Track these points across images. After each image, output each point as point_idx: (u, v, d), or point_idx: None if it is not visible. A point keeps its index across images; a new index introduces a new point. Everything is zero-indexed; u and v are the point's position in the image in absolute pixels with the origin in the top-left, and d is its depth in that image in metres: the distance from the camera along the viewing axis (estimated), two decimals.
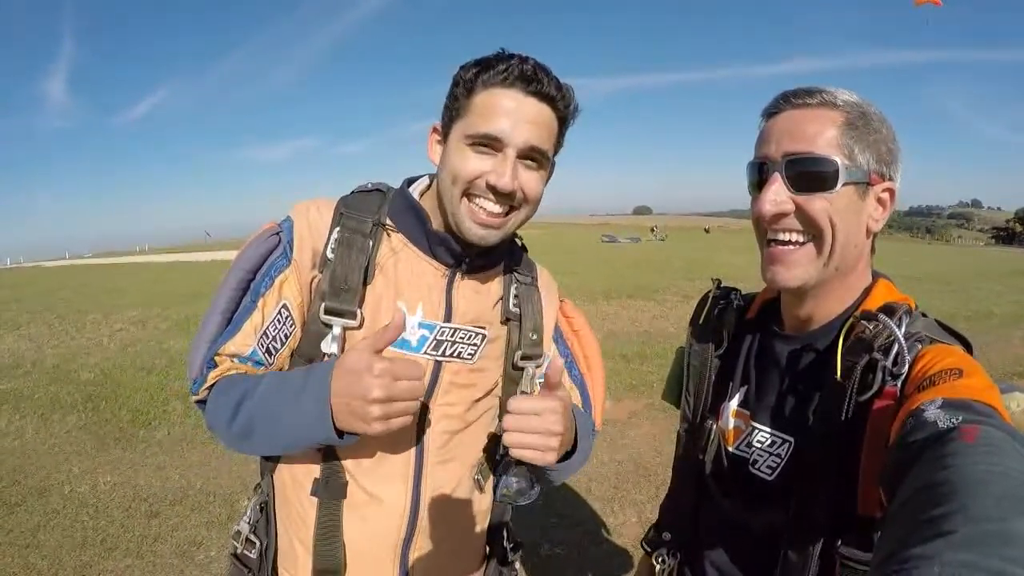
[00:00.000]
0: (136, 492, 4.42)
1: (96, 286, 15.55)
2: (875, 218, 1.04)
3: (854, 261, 1.06)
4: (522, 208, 1.24)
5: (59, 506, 4.20)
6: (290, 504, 1.31)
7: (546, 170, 1.26)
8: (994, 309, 12.42)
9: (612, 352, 8.36)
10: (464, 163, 1.17)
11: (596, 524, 4.03)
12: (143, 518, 4.06)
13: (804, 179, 1.00)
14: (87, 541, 3.76)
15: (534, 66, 1.16)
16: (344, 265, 1.21)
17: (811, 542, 0.96)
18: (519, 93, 1.15)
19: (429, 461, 1.30)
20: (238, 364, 1.24)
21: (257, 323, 1.24)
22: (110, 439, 5.44)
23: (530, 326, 1.39)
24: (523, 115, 1.15)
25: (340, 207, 1.27)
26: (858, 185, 1.00)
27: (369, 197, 1.31)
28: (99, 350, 8.57)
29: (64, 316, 10.36)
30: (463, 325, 1.30)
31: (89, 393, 6.63)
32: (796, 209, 1.01)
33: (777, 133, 1.03)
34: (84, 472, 4.76)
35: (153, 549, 3.70)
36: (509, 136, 1.15)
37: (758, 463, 1.13)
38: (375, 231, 1.26)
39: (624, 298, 11.88)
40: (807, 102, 1.02)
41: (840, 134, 1.00)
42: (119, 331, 9.65)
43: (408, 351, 1.26)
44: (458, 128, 1.19)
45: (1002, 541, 0.50)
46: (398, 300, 1.26)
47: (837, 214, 1.00)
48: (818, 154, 0.99)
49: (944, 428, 0.69)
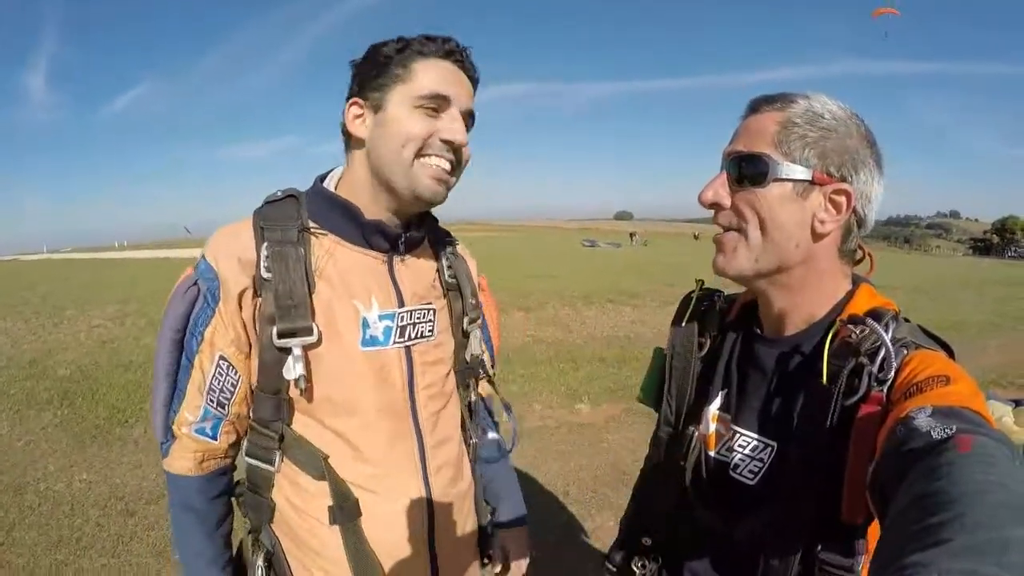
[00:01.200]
0: (112, 490, 4.38)
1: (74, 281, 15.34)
2: (821, 219, 1.02)
3: (801, 260, 1.05)
4: (460, 167, 1.28)
5: (34, 503, 4.16)
6: (303, 541, 1.28)
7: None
8: (971, 318, 12.64)
9: (591, 356, 8.40)
10: (413, 123, 1.19)
11: (574, 527, 4.05)
12: (119, 517, 4.02)
13: (741, 176, 1.04)
14: (62, 539, 3.73)
15: (456, 43, 1.24)
16: (284, 281, 1.17)
17: (793, 547, 0.97)
18: (451, 64, 1.23)
19: (428, 445, 1.32)
20: (196, 436, 1.27)
21: (199, 382, 1.24)
22: (86, 436, 5.38)
23: (469, 292, 1.45)
24: (460, 81, 1.24)
25: (258, 222, 1.22)
26: (796, 183, 1.01)
27: (283, 205, 1.26)
28: (76, 346, 8.46)
29: (41, 311, 10.22)
30: (415, 306, 1.32)
31: (65, 389, 6.54)
32: (731, 203, 1.06)
33: (736, 134, 1.08)
34: (60, 469, 4.71)
35: (129, 548, 3.67)
36: (456, 97, 1.22)
37: (739, 468, 1.12)
38: (302, 237, 1.22)
39: (604, 302, 11.92)
40: (767, 107, 1.06)
41: (778, 132, 1.02)
42: (97, 327, 9.53)
43: (378, 347, 1.26)
44: (399, 93, 1.20)
45: (1000, 549, 0.51)
46: (352, 300, 1.24)
47: (764, 208, 1.02)
48: (750, 151, 1.03)
49: (939, 438, 0.70)
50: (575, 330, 10.05)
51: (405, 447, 1.29)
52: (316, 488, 1.25)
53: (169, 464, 1.29)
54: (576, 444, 5.52)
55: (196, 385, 1.24)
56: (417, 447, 1.31)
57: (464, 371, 1.46)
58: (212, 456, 1.30)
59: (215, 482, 1.32)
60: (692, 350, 1.26)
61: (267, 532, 1.33)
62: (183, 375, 1.25)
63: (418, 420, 1.31)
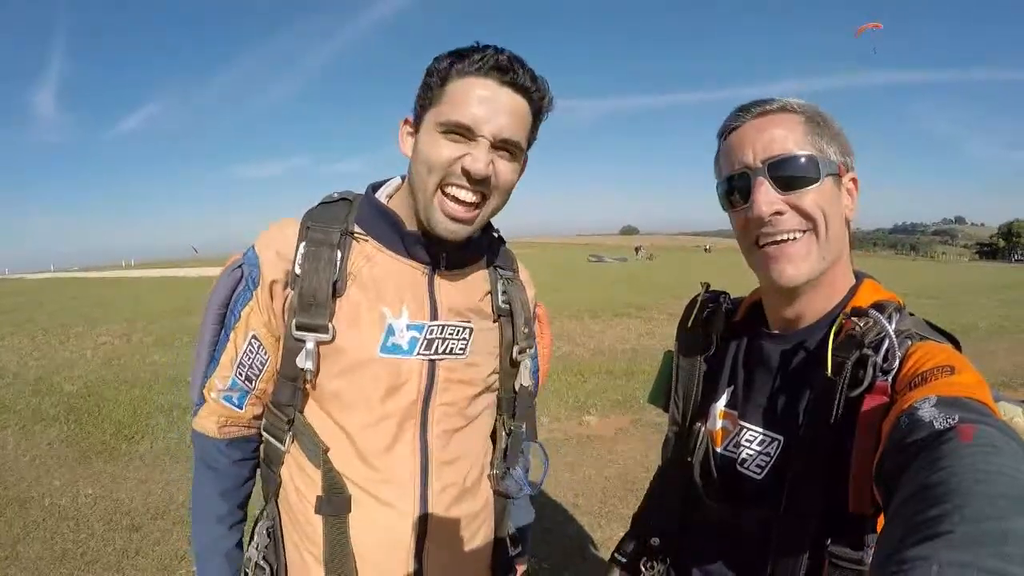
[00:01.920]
0: (117, 505, 4.36)
1: (81, 299, 15.43)
2: (849, 207, 1.08)
3: (840, 252, 1.08)
4: (492, 198, 1.22)
5: (39, 518, 4.15)
6: (298, 523, 1.30)
7: (519, 162, 1.24)
8: (979, 322, 12.58)
9: (599, 369, 8.38)
10: (437, 150, 1.15)
11: (583, 539, 4.02)
12: (124, 532, 4.00)
13: (789, 178, 1.03)
14: (67, 554, 3.71)
15: (509, 57, 1.15)
16: (311, 280, 1.20)
17: (802, 540, 0.97)
18: (493, 83, 1.14)
19: (435, 461, 1.29)
20: (223, 404, 1.31)
21: (232, 356, 1.30)
22: (92, 452, 5.38)
23: (522, 320, 1.40)
24: (497, 105, 1.14)
25: (306, 221, 1.25)
26: (833, 176, 1.05)
27: (334, 207, 1.29)
28: (83, 363, 8.50)
29: (48, 329, 10.28)
30: (449, 321, 1.29)
31: (72, 406, 6.57)
32: (789, 207, 1.03)
33: (749, 143, 1.06)
34: (65, 485, 4.70)
35: (134, 563, 3.65)
36: (482, 125, 1.13)
37: (747, 462, 1.12)
38: (343, 240, 1.24)
39: (611, 316, 11.92)
40: (766, 109, 1.07)
41: (807, 131, 1.04)
42: (103, 344, 9.58)
43: (401, 355, 1.24)
44: (430, 116, 1.17)
45: (1000, 540, 0.50)
46: (380, 305, 1.24)
47: (826, 204, 1.03)
48: (797, 152, 1.03)
49: (941, 428, 0.70)
50: (582, 343, 10.04)
51: (405, 457, 1.26)
52: (315, 474, 1.26)
53: (196, 423, 1.35)
54: (584, 456, 5.49)
55: (229, 357, 1.30)
56: (419, 460, 1.27)
57: (509, 400, 1.45)
58: (234, 423, 1.34)
59: (236, 447, 1.36)
60: (698, 351, 1.26)
61: (272, 505, 1.36)
62: (220, 347, 1.31)
63: (427, 434, 1.28)
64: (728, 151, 1.11)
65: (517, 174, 1.25)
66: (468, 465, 1.36)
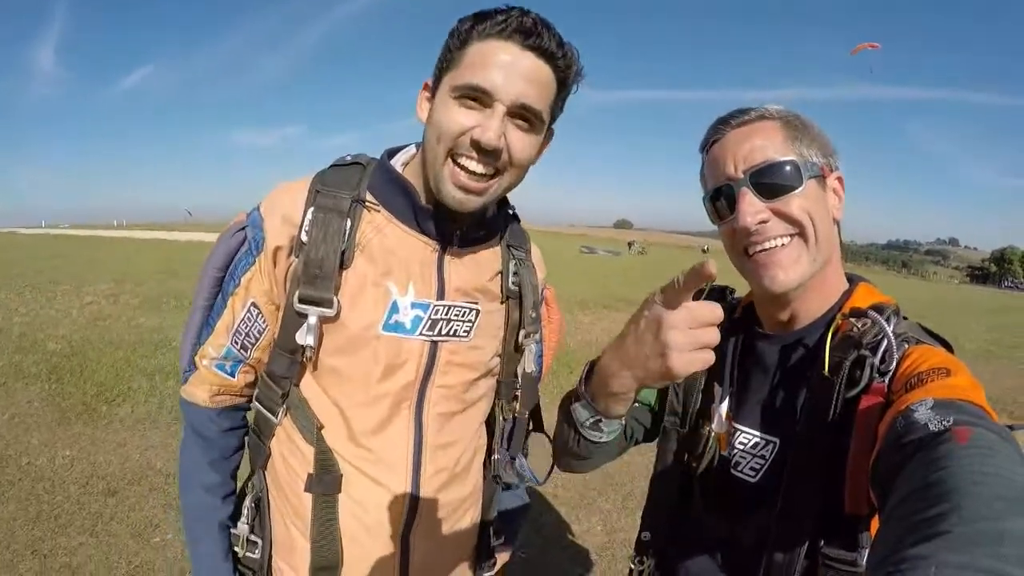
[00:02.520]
0: (94, 469, 4.33)
1: (70, 257, 15.31)
2: (836, 207, 1.09)
3: (830, 253, 1.08)
4: (507, 172, 1.15)
5: (15, 478, 4.11)
6: (286, 497, 1.27)
7: (539, 134, 1.17)
8: (966, 345, 12.62)
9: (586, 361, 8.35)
10: (449, 118, 1.09)
11: (561, 530, 4.03)
12: (100, 496, 3.97)
13: (772, 185, 1.03)
14: (41, 515, 3.67)
15: (535, 19, 1.07)
16: (318, 249, 1.15)
17: (797, 542, 0.96)
18: (515, 46, 1.07)
19: (428, 445, 1.26)
20: (216, 372, 1.28)
21: (228, 322, 1.25)
22: (72, 413, 5.33)
23: (530, 303, 1.37)
24: (518, 69, 1.07)
25: (315, 184, 1.19)
26: (816, 179, 1.05)
27: (347, 171, 1.23)
28: (68, 322, 8.43)
29: (35, 285, 10.18)
30: (456, 301, 1.25)
31: (54, 364, 6.51)
32: (774, 215, 1.03)
33: (730, 154, 1.06)
34: (43, 444, 4.66)
35: (108, 528, 3.62)
36: (499, 89, 1.06)
37: (740, 465, 1.12)
38: (354, 208, 1.18)
39: (601, 309, 11.92)
40: (745, 119, 1.07)
41: (786, 137, 1.05)
42: (90, 304, 9.50)
43: (402, 334, 1.20)
44: (447, 81, 1.11)
45: (997, 540, 0.51)
46: (386, 280, 1.19)
47: (812, 208, 1.03)
48: (778, 159, 1.03)
49: (937, 430, 0.70)
50: (571, 334, 10.02)
51: (399, 438, 1.23)
52: (306, 451, 1.23)
53: (186, 391, 1.31)
54: None
55: (225, 324, 1.25)
56: (413, 442, 1.24)
57: (510, 384, 1.42)
58: (227, 392, 1.31)
59: (227, 416, 1.33)
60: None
61: (259, 476, 1.33)
62: (215, 313, 1.27)
63: (422, 416, 1.25)
64: (711, 164, 1.11)
65: (536, 149, 1.18)
66: (461, 450, 1.33)
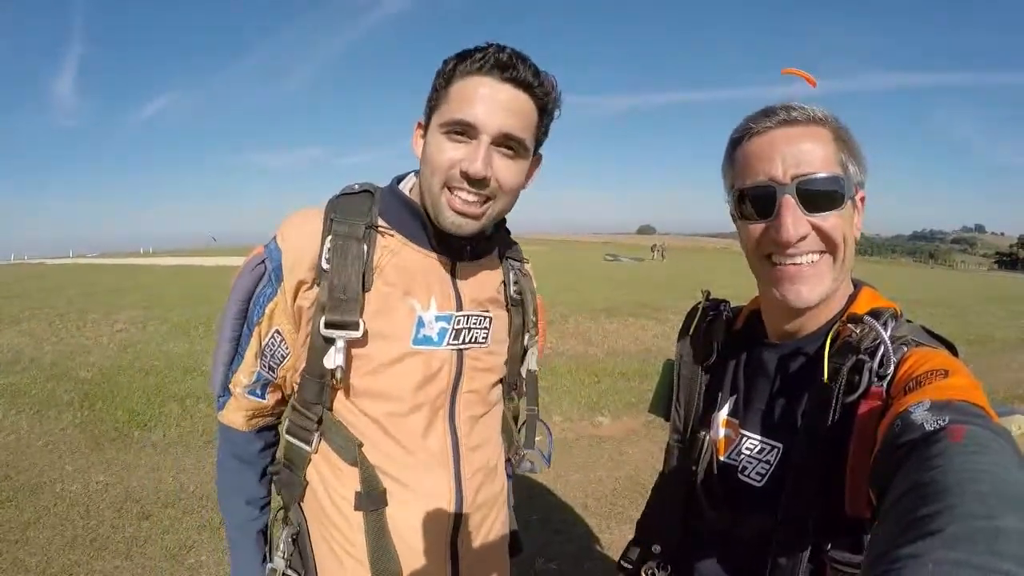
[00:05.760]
0: (128, 493, 4.38)
1: (99, 286, 15.54)
2: (858, 227, 1.07)
3: (850, 271, 1.08)
4: (498, 198, 1.22)
5: (50, 504, 4.17)
6: (332, 524, 1.31)
7: (525, 160, 1.24)
8: (995, 334, 12.38)
9: (612, 370, 8.31)
10: (440, 153, 1.16)
11: (592, 540, 3.99)
12: (134, 519, 4.01)
13: (817, 199, 0.99)
14: (77, 540, 3.72)
15: (511, 54, 1.15)
16: (341, 275, 1.20)
17: (800, 545, 0.97)
18: (494, 80, 1.15)
19: (463, 448, 1.33)
20: (249, 398, 1.36)
21: (256, 350, 1.32)
22: (105, 439, 5.40)
23: (531, 309, 1.47)
24: (498, 102, 1.15)
25: (329, 212, 1.25)
26: (852, 199, 1.04)
27: (357, 199, 1.29)
28: (98, 349, 8.55)
29: (65, 314, 10.34)
30: (473, 311, 1.33)
31: (86, 391, 6.60)
32: (813, 229, 1.00)
33: (777, 153, 1.01)
34: (77, 471, 4.72)
35: (143, 551, 3.65)
36: (483, 122, 1.14)
37: (747, 470, 1.13)
38: (368, 234, 1.25)
39: (626, 316, 11.82)
40: (794, 118, 1.02)
41: (836, 150, 1.01)
42: (119, 331, 9.63)
43: (431, 346, 1.27)
44: (435, 118, 1.19)
45: (991, 537, 0.51)
46: (408, 298, 1.26)
47: (846, 228, 1.02)
48: (829, 174, 0.99)
49: (931, 429, 0.71)
50: (597, 343, 9.97)
51: (439, 443, 1.30)
52: (349, 472, 1.28)
53: (223, 416, 1.39)
54: (596, 456, 5.46)
55: (254, 351, 1.32)
56: (451, 447, 1.31)
57: (517, 383, 1.52)
58: (260, 414, 1.39)
59: (262, 436, 1.43)
60: (699, 360, 1.27)
61: (296, 511, 1.38)
62: (244, 342, 1.32)
63: (454, 420, 1.32)
64: (749, 158, 1.05)
65: (523, 175, 1.26)
66: (490, 449, 1.41)
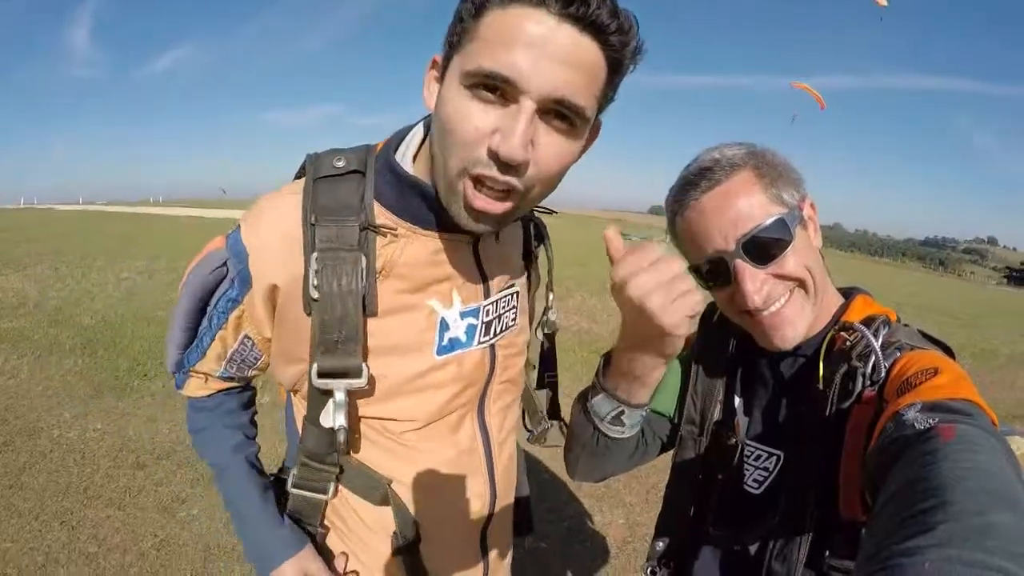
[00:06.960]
0: (125, 443, 4.38)
1: (106, 233, 15.56)
2: (815, 237, 1.08)
3: (825, 287, 1.08)
4: (535, 188, 0.89)
5: (46, 449, 4.18)
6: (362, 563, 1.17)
7: (580, 138, 0.89)
8: (1001, 348, 12.28)
9: None
10: (461, 118, 0.82)
11: (583, 521, 3.98)
12: (129, 469, 4.02)
13: (767, 249, 0.99)
14: (71, 487, 3.73)
15: None
16: (334, 306, 0.93)
17: (795, 551, 0.97)
18: (550, 16, 0.77)
19: (494, 444, 1.19)
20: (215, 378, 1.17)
21: (220, 352, 1.09)
22: (104, 387, 5.41)
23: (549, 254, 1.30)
24: (553, 48, 0.78)
25: (308, 214, 0.94)
26: (799, 222, 1.03)
27: (343, 186, 0.97)
28: (103, 296, 8.57)
29: (71, 260, 10.36)
30: (501, 293, 1.13)
31: (88, 338, 6.63)
32: (774, 277, 1.01)
33: (714, 226, 1.01)
34: (75, 417, 4.73)
35: (136, 501, 3.66)
36: (527, 79, 0.78)
37: (746, 477, 1.13)
38: (365, 237, 0.96)
39: None
40: (717, 179, 1.01)
41: (764, 188, 1.01)
42: (124, 279, 9.64)
43: (460, 349, 1.07)
44: (457, 62, 0.84)
45: (983, 534, 0.53)
46: (426, 299, 1.03)
47: (805, 257, 1.02)
48: (769, 220, 0.99)
49: (922, 428, 0.72)
50: (601, 320, 9.92)
51: (469, 445, 1.15)
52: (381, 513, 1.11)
53: (186, 391, 1.22)
54: None
55: (216, 353, 1.09)
56: (483, 446, 1.17)
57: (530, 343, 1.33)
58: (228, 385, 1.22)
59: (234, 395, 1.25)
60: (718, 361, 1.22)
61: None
62: (204, 337, 1.08)
63: (484, 417, 1.17)
64: (690, 235, 1.05)
65: (574, 156, 0.91)
66: (515, 434, 1.29)
